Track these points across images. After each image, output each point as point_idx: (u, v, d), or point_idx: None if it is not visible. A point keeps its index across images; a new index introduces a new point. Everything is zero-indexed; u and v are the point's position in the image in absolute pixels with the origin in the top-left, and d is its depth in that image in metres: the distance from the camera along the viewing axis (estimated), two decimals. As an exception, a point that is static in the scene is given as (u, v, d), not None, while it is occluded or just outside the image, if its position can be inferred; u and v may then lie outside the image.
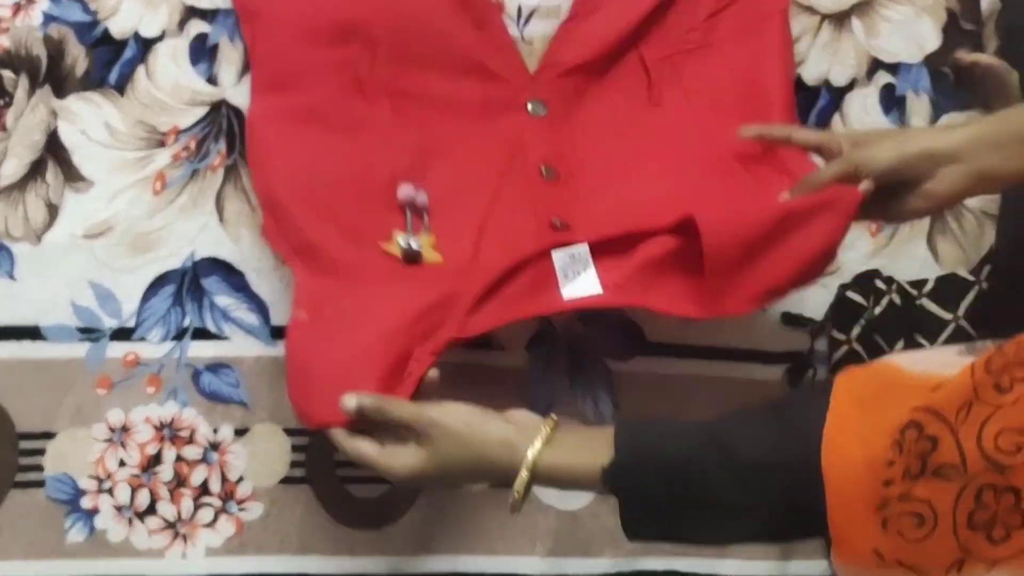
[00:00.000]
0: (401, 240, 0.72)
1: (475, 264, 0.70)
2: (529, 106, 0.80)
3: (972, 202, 0.86)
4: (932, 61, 0.89)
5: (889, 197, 0.64)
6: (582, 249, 0.68)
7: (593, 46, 0.81)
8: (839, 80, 0.88)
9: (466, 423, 0.57)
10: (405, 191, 0.75)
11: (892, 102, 0.88)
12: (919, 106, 0.89)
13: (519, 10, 0.84)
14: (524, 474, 0.55)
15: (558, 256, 0.68)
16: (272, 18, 0.79)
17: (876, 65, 0.89)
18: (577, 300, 0.67)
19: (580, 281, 0.68)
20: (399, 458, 0.59)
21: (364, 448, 0.60)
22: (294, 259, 0.70)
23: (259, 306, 0.78)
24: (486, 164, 0.78)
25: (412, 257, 0.71)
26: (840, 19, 0.89)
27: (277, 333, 0.77)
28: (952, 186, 0.62)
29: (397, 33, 0.79)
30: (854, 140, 0.67)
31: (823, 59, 0.87)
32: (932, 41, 0.90)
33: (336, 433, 0.61)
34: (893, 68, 0.89)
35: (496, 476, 0.58)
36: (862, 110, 0.88)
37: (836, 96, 0.87)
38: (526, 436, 0.56)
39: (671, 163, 0.78)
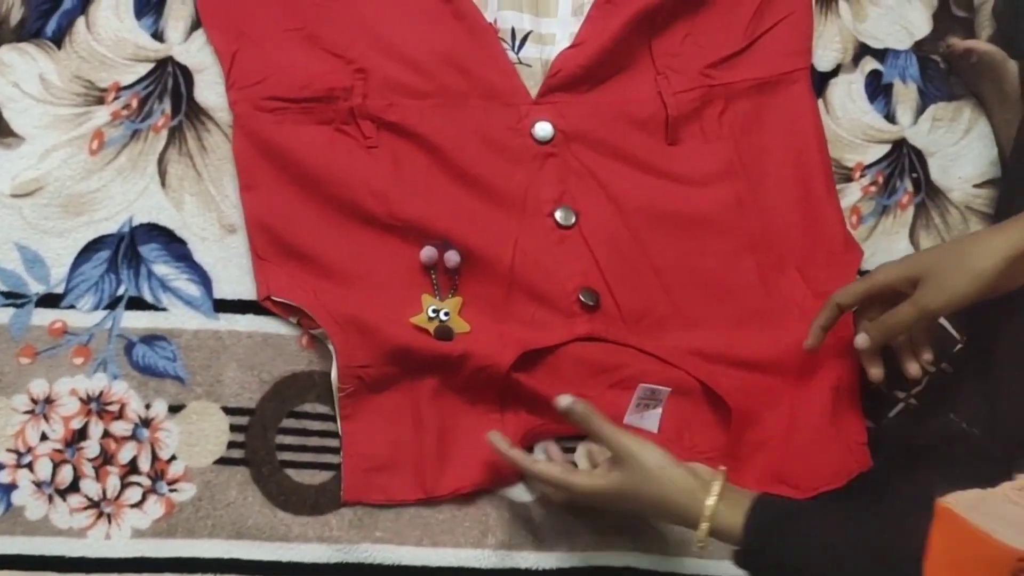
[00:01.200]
0: (431, 310, 0.70)
1: (504, 341, 0.71)
2: (534, 130, 0.76)
3: (957, 196, 0.83)
4: (921, 48, 0.86)
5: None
6: (665, 390, 0.73)
7: (596, 49, 0.77)
8: (823, 65, 0.85)
9: (659, 465, 0.61)
10: (428, 253, 0.72)
11: (878, 90, 0.85)
12: (906, 94, 0.85)
13: (512, 33, 0.80)
14: (704, 525, 0.59)
15: (643, 387, 0.72)
16: (255, 41, 0.76)
17: (863, 50, 0.86)
18: (632, 429, 0.71)
19: (647, 416, 0.73)
20: (582, 476, 0.65)
21: (543, 465, 0.66)
22: (326, 320, 0.71)
23: (201, 277, 0.73)
24: (501, 208, 0.74)
25: (444, 335, 0.70)
26: (827, 1, 0.86)
27: (220, 306, 0.73)
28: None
29: (388, 62, 0.75)
30: (910, 277, 0.65)
31: (808, 42, 0.83)
32: (922, 27, 0.86)
33: (513, 453, 0.66)
34: (880, 54, 0.86)
35: (675, 519, 0.62)
36: (846, 97, 0.84)
37: (820, 82, 0.84)
38: (705, 488, 0.60)
39: (688, 224, 0.76)
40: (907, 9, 0.87)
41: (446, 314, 0.70)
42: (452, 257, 0.73)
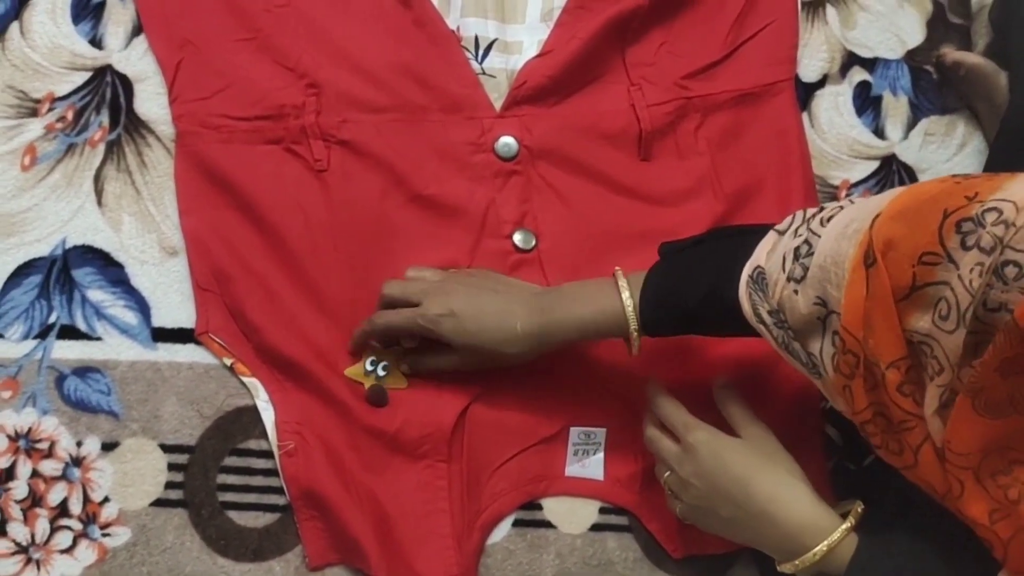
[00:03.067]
0: (368, 363, 0.65)
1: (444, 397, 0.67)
2: (497, 145, 0.71)
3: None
4: (914, 58, 0.81)
5: None
6: (600, 431, 0.69)
7: (565, 58, 0.72)
8: (809, 75, 0.80)
9: (792, 468, 0.58)
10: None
11: (867, 102, 0.80)
12: (897, 107, 0.80)
13: (476, 41, 0.74)
14: (823, 548, 0.54)
15: (575, 431, 0.69)
16: (199, 52, 0.71)
17: (851, 60, 0.81)
18: (577, 481, 0.69)
19: (588, 463, 0.69)
20: (706, 427, 0.59)
21: (671, 406, 0.61)
22: (263, 370, 0.67)
23: (139, 303, 0.69)
24: (457, 231, 0.70)
25: (377, 399, 0.66)
26: (813, 7, 0.81)
27: (159, 335, 0.69)
28: None
29: (342, 74, 0.71)
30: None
31: (793, 51, 0.79)
32: (915, 35, 0.82)
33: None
34: (870, 64, 0.81)
35: (783, 526, 0.55)
36: (833, 109, 0.80)
37: (805, 93, 0.79)
38: (833, 515, 0.55)
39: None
40: (899, 16, 0.82)
41: (384, 368, 0.65)
42: None
